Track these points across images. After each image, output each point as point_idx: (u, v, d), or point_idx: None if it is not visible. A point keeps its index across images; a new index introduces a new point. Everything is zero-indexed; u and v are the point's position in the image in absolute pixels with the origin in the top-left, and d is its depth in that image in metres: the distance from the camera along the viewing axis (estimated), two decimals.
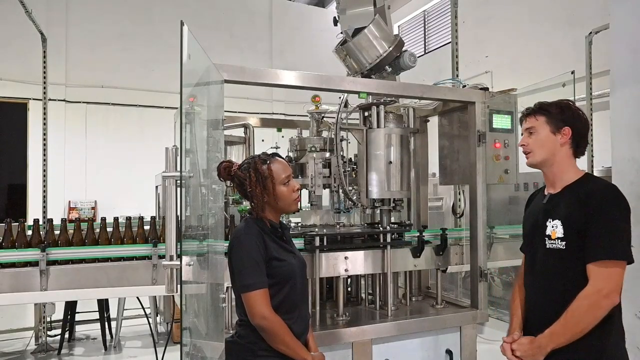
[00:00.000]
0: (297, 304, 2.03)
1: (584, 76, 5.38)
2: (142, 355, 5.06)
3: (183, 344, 1.64)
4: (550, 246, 1.82)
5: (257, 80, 2.45)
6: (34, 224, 2.76)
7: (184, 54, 1.69)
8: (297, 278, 2.02)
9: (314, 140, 3.35)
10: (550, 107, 1.89)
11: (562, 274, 1.79)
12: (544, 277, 1.86)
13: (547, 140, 1.87)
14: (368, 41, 3.04)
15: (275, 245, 1.99)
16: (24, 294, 2.49)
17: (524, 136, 1.95)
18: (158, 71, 9.72)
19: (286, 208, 2.02)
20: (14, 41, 8.76)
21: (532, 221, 1.97)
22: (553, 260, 1.82)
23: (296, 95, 3.85)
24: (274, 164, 1.97)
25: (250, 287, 1.87)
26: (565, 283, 1.78)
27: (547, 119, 1.87)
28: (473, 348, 2.90)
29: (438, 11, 10.48)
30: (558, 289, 1.80)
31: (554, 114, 1.87)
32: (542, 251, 1.86)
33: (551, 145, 1.87)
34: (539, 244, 1.88)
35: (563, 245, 1.78)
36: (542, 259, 1.87)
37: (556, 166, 1.88)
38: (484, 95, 2.93)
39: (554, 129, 1.86)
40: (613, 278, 1.69)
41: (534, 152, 1.90)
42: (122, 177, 9.42)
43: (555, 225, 1.81)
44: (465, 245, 3.08)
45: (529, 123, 1.92)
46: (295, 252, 2.12)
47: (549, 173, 1.92)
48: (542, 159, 1.89)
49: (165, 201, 1.81)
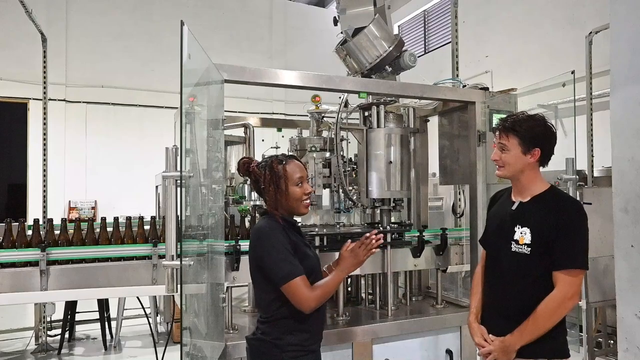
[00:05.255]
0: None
1: (584, 76, 5.38)
2: (142, 355, 5.06)
3: (183, 344, 1.64)
4: (516, 250, 1.98)
5: (257, 80, 2.45)
6: (34, 224, 2.76)
7: (184, 54, 1.69)
8: (317, 273, 2.05)
9: (314, 140, 3.36)
10: (522, 129, 1.99)
11: (523, 276, 1.97)
12: (505, 277, 2.03)
13: (518, 159, 2.01)
14: (368, 41, 3.04)
15: (298, 239, 2.03)
16: (24, 294, 2.48)
17: (495, 150, 2.07)
18: (158, 71, 9.73)
19: (296, 209, 2.04)
20: (14, 41, 8.77)
21: (497, 222, 2.13)
22: (517, 263, 1.98)
23: (296, 95, 3.86)
24: (289, 164, 2.01)
25: (289, 276, 1.86)
26: (525, 284, 1.96)
27: (519, 141, 1.99)
28: (473, 348, 2.90)
29: (438, 11, 10.48)
30: (517, 288, 1.98)
31: (526, 137, 1.99)
32: (507, 253, 2.02)
33: (521, 163, 2.01)
34: (503, 246, 2.04)
35: (528, 250, 1.95)
36: (506, 260, 2.03)
37: (524, 179, 2.04)
38: (484, 95, 2.93)
39: (524, 149, 1.99)
40: (576, 283, 1.91)
41: (505, 167, 2.05)
42: (122, 177, 9.43)
43: (524, 232, 1.97)
44: (465, 245, 3.09)
45: (502, 139, 2.04)
46: (311, 247, 2.18)
47: (518, 184, 2.08)
48: (512, 174, 2.05)
49: (165, 201, 1.81)
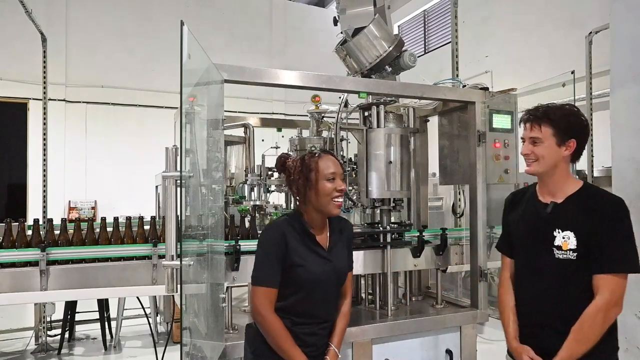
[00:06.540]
0: (312, 311, 1.97)
1: (584, 76, 5.38)
2: (142, 355, 5.06)
3: (183, 344, 1.64)
4: (560, 257, 1.82)
5: (257, 80, 2.45)
6: (34, 224, 2.75)
7: (184, 54, 1.69)
8: (318, 285, 1.94)
9: (314, 140, 3.35)
10: (557, 118, 1.82)
11: (571, 284, 1.81)
12: (551, 287, 1.85)
13: (552, 152, 1.83)
14: (368, 41, 3.04)
15: (302, 247, 1.94)
16: (24, 294, 2.48)
17: (526, 144, 1.89)
18: (158, 71, 9.73)
19: (325, 206, 1.94)
20: (14, 41, 8.77)
21: (528, 227, 1.96)
22: (563, 270, 1.82)
23: (296, 95, 3.86)
24: (322, 158, 1.95)
25: (256, 281, 1.91)
26: (574, 292, 1.80)
27: (554, 132, 1.82)
28: (473, 348, 2.90)
29: (438, 11, 10.48)
30: (566, 298, 1.81)
31: (561, 126, 1.82)
32: (549, 261, 1.85)
33: (555, 157, 1.84)
34: (541, 253, 1.88)
35: (574, 256, 1.78)
36: (548, 269, 1.86)
37: (557, 175, 1.87)
38: (483, 95, 2.93)
39: (559, 141, 1.82)
40: (620, 288, 1.74)
41: (538, 161, 1.87)
42: (122, 177, 9.43)
43: (566, 236, 1.80)
44: (465, 245, 3.08)
45: (534, 132, 1.86)
46: (330, 257, 2.01)
47: (549, 181, 1.90)
48: (545, 169, 1.87)
49: (165, 201, 1.81)
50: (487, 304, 2.92)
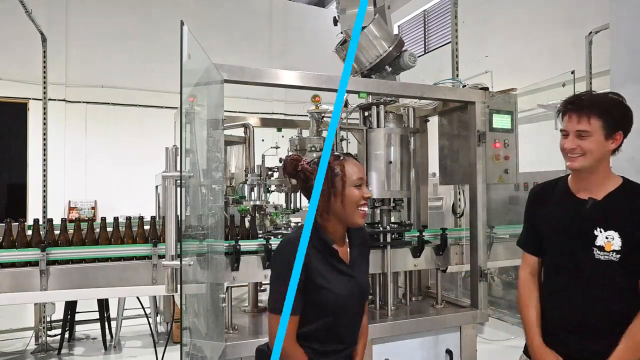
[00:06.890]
0: (337, 335, 1.77)
1: (584, 76, 5.37)
2: (142, 355, 5.06)
3: (183, 344, 1.64)
4: (601, 258, 1.70)
5: (257, 80, 2.45)
6: (34, 224, 2.75)
7: (184, 54, 1.69)
8: (344, 307, 1.73)
9: (314, 140, 3.35)
10: (606, 110, 1.67)
11: (610, 287, 1.71)
12: (588, 288, 1.74)
13: (600, 146, 1.69)
14: (368, 41, 3.04)
15: (324, 265, 1.72)
16: (24, 294, 2.48)
17: (571, 137, 1.72)
18: (158, 71, 9.72)
19: (350, 216, 1.72)
20: (14, 41, 8.77)
21: (565, 224, 1.81)
22: (603, 272, 1.71)
23: (296, 95, 3.86)
24: (348, 162, 1.73)
25: (274, 310, 1.67)
26: (610, 296, 1.71)
27: (603, 124, 1.66)
28: (473, 348, 2.90)
29: (438, 11, 10.48)
30: (604, 301, 1.72)
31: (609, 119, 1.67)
32: (588, 261, 1.73)
33: (602, 151, 1.70)
34: (579, 253, 1.75)
35: (617, 258, 1.67)
36: (586, 270, 1.74)
37: (602, 171, 1.74)
38: (483, 95, 2.93)
39: (607, 134, 1.68)
40: None
41: (585, 156, 1.70)
42: (122, 177, 9.42)
43: (610, 236, 1.68)
44: (465, 245, 3.08)
45: (581, 125, 1.68)
46: (353, 273, 1.79)
47: (590, 177, 1.76)
48: (590, 165, 1.72)
49: (165, 201, 1.81)
50: (487, 304, 2.92)
